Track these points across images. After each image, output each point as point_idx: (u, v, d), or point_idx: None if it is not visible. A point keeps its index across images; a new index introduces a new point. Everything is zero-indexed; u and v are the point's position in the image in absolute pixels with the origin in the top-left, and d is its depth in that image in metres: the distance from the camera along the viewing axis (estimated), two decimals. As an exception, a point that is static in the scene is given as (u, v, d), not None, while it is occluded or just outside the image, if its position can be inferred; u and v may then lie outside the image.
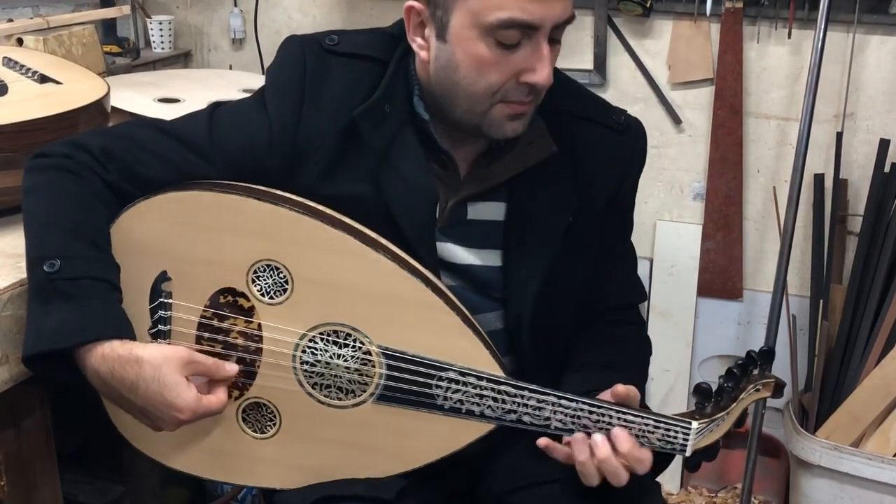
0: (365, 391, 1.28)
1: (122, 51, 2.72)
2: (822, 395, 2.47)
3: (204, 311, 1.28)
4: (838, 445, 2.33)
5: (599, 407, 1.24)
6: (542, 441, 1.26)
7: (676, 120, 2.69)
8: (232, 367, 1.26)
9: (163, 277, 1.28)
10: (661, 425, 1.25)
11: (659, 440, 1.25)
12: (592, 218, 1.42)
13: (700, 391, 1.29)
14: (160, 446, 1.34)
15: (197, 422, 1.25)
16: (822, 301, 2.55)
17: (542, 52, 1.24)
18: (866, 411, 2.34)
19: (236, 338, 1.28)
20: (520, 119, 1.31)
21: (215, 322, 1.28)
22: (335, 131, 1.32)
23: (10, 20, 2.24)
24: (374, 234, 1.28)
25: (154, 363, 1.17)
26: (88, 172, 1.27)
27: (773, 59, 2.56)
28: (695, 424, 1.25)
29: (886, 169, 2.47)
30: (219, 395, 1.24)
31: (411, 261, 1.28)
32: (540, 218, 1.39)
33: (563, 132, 1.39)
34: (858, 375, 2.39)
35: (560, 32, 1.27)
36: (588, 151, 1.41)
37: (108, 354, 1.17)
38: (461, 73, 1.26)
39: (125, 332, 1.20)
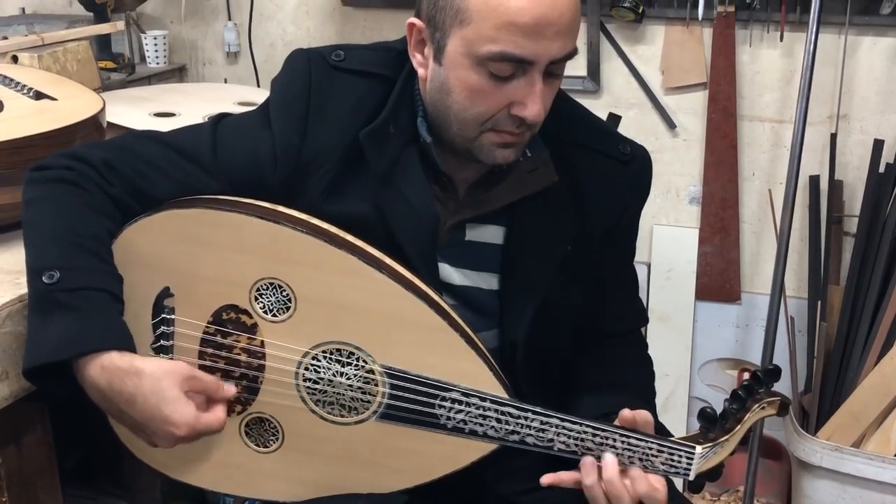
0: (368, 409, 1.28)
1: (116, 66, 2.73)
2: (821, 396, 2.48)
3: (207, 327, 1.28)
4: (839, 446, 2.33)
5: (603, 430, 1.25)
6: (546, 479, 1.26)
7: (671, 125, 2.70)
8: (230, 389, 1.25)
9: (165, 293, 1.28)
10: (665, 450, 1.25)
11: (663, 464, 1.25)
12: (592, 247, 1.41)
13: (704, 416, 1.29)
14: (163, 458, 1.34)
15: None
16: (819, 302, 2.55)
17: (534, 87, 1.22)
18: (866, 411, 2.34)
19: (239, 354, 1.28)
20: (510, 148, 1.29)
21: (218, 338, 1.28)
22: (339, 150, 1.31)
23: (5, 38, 2.24)
24: (377, 253, 1.28)
25: (154, 376, 1.15)
26: (91, 185, 1.26)
27: (766, 62, 2.57)
28: (699, 449, 1.25)
29: (881, 169, 2.48)
30: (217, 414, 1.22)
31: (415, 280, 1.27)
32: (539, 245, 1.37)
33: (567, 161, 1.37)
34: (858, 376, 2.40)
35: (560, 67, 1.25)
36: (591, 182, 1.39)
37: (107, 366, 1.15)
38: (453, 98, 1.25)
39: (125, 343, 1.18)
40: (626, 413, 1.27)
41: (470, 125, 1.27)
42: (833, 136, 2.53)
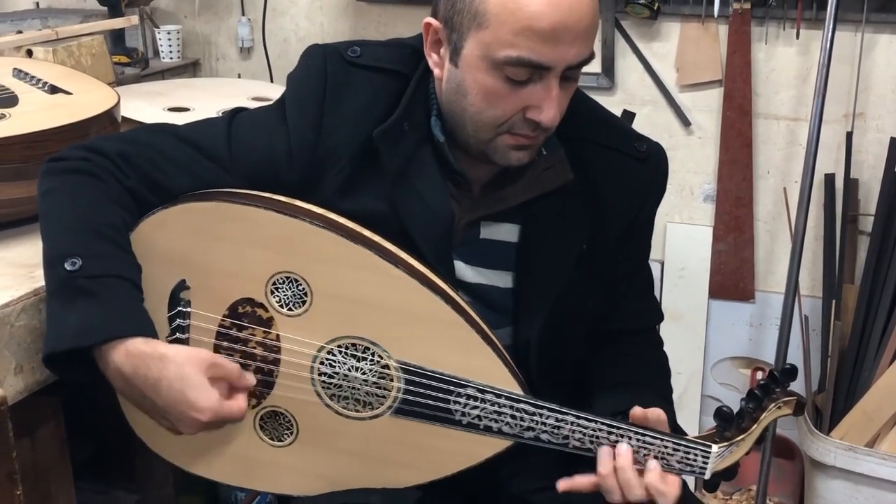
0: (383, 404, 1.28)
1: (130, 61, 2.73)
2: (835, 395, 2.47)
3: (222, 320, 1.28)
4: (853, 446, 2.32)
5: (619, 428, 1.24)
6: (563, 485, 1.26)
7: (685, 122, 2.69)
8: (251, 377, 1.26)
9: (181, 286, 1.28)
10: (681, 448, 1.24)
11: (678, 462, 1.25)
12: (607, 246, 1.40)
13: (720, 415, 1.28)
14: (177, 451, 1.34)
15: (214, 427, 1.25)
16: (834, 301, 2.54)
17: (550, 92, 1.22)
18: (880, 411, 2.33)
19: (255, 347, 1.28)
20: (525, 150, 1.29)
21: (234, 332, 1.28)
22: (354, 147, 1.31)
23: (20, 32, 2.24)
24: (393, 248, 1.27)
25: (178, 361, 1.16)
26: (108, 176, 1.26)
27: (782, 59, 2.56)
28: (715, 448, 1.24)
29: (897, 168, 2.46)
30: (239, 402, 1.22)
31: (431, 276, 1.27)
32: (553, 243, 1.37)
33: (583, 159, 1.37)
34: (872, 375, 2.39)
35: (576, 72, 1.24)
36: (606, 180, 1.39)
37: (131, 351, 1.16)
38: (469, 101, 1.25)
39: (148, 330, 1.19)
40: (636, 411, 1.27)
41: (485, 128, 1.26)
42: (849, 135, 2.52)
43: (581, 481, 1.26)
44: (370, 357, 1.26)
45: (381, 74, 1.34)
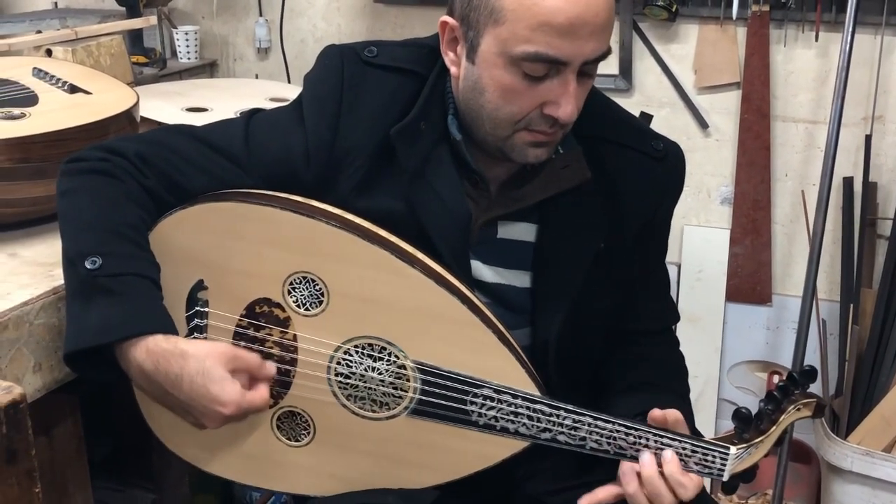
0: (399, 404, 1.28)
1: (148, 61, 2.74)
2: (853, 399, 2.45)
3: (240, 320, 1.29)
4: (870, 451, 2.31)
5: (636, 429, 1.24)
6: (584, 501, 1.26)
7: (703, 124, 2.68)
8: (272, 367, 1.27)
9: (199, 286, 1.28)
10: (699, 450, 1.24)
11: (696, 464, 1.24)
12: (625, 245, 1.40)
13: (739, 417, 1.27)
14: (195, 450, 1.35)
15: (232, 427, 1.25)
16: (852, 305, 2.53)
17: (568, 87, 1.22)
18: (898, 416, 2.32)
19: (272, 347, 1.28)
20: (543, 147, 1.29)
21: (251, 331, 1.29)
22: (370, 146, 1.31)
23: (39, 31, 2.26)
24: (410, 248, 1.27)
25: (199, 357, 1.17)
26: (126, 176, 1.27)
27: (801, 62, 2.55)
28: (733, 450, 1.24)
29: (917, 171, 2.45)
30: (261, 392, 1.23)
31: (448, 276, 1.27)
32: (571, 242, 1.37)
33: (600, 158, 1.36)
34: (890, 380, 2.38)
35: (593, 67, 1.24)
36: (624, 178, 1.38)
37: (152, 349, 1.17)
38: (486, 98, 1.25)
39: (168, 327, 1.20)
40: (656, 413, 1.26)
41: (503, 124, 1.26)
42: (868, 138, 2.50)
43: (602, 494, 1.26)
44: (386, 357, 1.26)
45: (398, 74, 1.34)
